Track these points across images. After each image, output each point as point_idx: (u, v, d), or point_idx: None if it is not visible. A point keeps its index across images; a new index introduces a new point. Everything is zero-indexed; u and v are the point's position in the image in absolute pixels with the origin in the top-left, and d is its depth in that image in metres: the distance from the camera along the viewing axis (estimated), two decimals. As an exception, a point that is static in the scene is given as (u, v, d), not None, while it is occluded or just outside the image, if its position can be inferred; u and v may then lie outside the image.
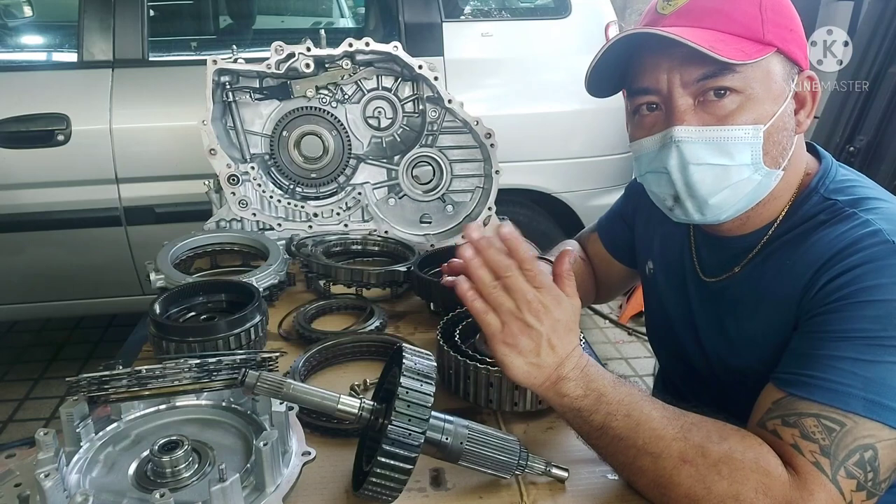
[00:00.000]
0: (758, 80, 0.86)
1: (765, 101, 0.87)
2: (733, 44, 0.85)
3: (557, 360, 0.81)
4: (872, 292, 0.79)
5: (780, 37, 0.87)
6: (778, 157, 0.90)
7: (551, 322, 0.80)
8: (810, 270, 0.85)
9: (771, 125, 0.87)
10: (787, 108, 0.89)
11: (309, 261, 1.44)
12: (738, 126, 0.87)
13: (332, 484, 0.86)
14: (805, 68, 0.91)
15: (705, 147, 0.88)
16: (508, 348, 0.80)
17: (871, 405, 0.75)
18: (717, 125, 0.87)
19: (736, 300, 0.99)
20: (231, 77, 1.60)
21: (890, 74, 2.92)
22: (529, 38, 2.81)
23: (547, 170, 2.84)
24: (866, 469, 0.74)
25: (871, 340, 0.77)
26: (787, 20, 0.89)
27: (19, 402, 2.88)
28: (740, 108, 0.87)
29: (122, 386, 0.83)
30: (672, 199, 0.95)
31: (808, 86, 0.90)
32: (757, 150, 0.88)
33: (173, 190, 2.53)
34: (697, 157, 0.89)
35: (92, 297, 2.75)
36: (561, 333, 0.81)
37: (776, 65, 0.88)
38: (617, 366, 3.11)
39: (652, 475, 0.79)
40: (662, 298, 1.18)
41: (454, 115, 1.63)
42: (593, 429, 0.82)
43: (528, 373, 0.81)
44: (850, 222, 0.86)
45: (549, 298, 0.81)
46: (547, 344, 0.80)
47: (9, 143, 2.41)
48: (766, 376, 0.86)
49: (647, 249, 1.23)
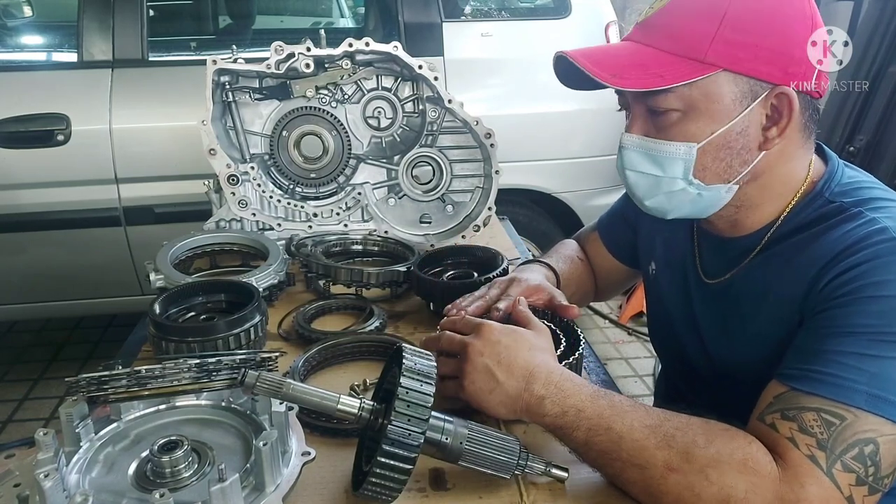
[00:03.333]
0: (698, 98, 0.88)
1: (703, 120, 0.88)
2: (664, 66, 0.87)
3: (521, 380, 0.86)
4: (878, 288, 0.79)
5: (732, 55, 0.85)
6: (722, 174, 0.91)
7: (493, 350, 0.88)
8: (815, 268, 0.85)
9: (708, 143, 0.89)
10: (737, 127, 0.88)
11: (309, 261, 1.43)
12: (671, 142, 0.91)
13: (331, 484, 0.86)
14: (781, 84, 0.87)
15: (641, 157, 0.95)
16: (474, 390, 0.88)
17: (875, 400, 0.74)
18: (655, 138, 0.92)
19: (738, 300, 0.99)
20: (231, 77, 1.60)
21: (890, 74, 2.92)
22: (529, 38, 2.81)
23: (547, 170, 2.84)
24: (867, 463, 0.74)
25: (876, 336, 0.77)
26: (754, 37, 0.86)
27: (19, 402, 2.88)
28: (678, 123, 0.90)
29: (122, 386, 0.83)
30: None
31: (784, 102, 0.87)
32: (689, 165, 0.91)
33: (173, 190, 2.53)
34: (633, 164, 0.96)
35: (92, 298, 2.75)
36: (512, 355, 0.87)
37: (724, 84, 0.87)
38: (617, 366, 3.11)
39: (641, 485, 0.79)
40: (664, 299, 1.18)
41: (454, 115, 1.63)
42: (578, 444, 0.83)
43: (501, 402, 0.87)
44: (855, 221, 0.86)
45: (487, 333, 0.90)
46: (498, 367, 0.87)
47: (9, 143, 2.41)
48: (767, 376, 0.85)
49: (650, 250, 1.24)
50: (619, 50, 0.94)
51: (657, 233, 1.21)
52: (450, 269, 1.44)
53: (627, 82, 0.88)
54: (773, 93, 0.88)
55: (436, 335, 0.97)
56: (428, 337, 0.99)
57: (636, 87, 0.88)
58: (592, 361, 1.17)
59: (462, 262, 1.46)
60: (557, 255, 1.36)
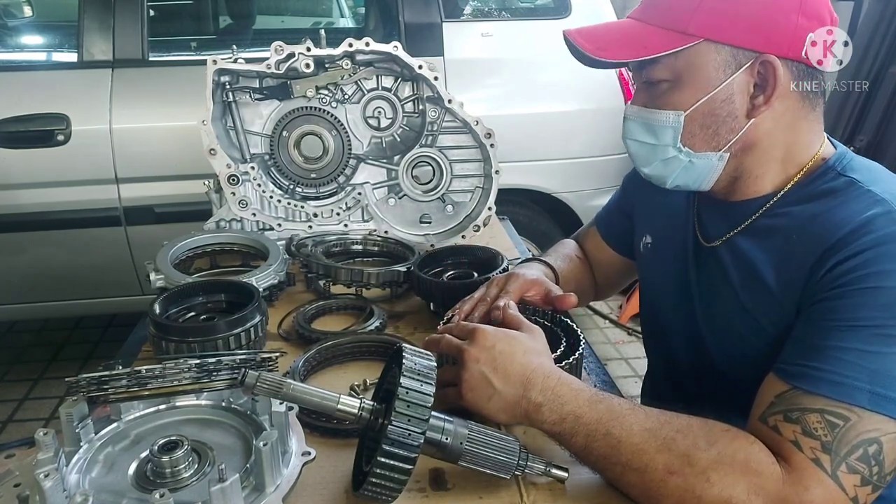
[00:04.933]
0: (683, 68, 0.92)
1: (688, 89, 0.93)
2: (648, 39, 0.92)
3: (518, 387, 0.86)
4: (881, 278, 0.78)
5: (713, 25, 0.89)
6: (710, 141, 0.94)
7: (488, 356, 0.87)
8: (819, 249, 0.84)
9: (694, 111, 0.93)
10: (721, 95, 0.91)
11: (309, 261, 1.43)
12: (661, 111, 0.96)
13: (331, 484, 0.86)
14: (766, 52, 0.89)
15: (639, 126, 1.00)
16: (472, 397, 0.87)
17: (877, 398, 0.74)
18: (650, 108, 0.97)
19: (734, 265, 0.98)
20: (231, 77, 1.60)
21: (890, 74, 2.92)
22: (529, 38, 2.81)
23: (547, 170, 2.84)
24: (871, 463, 0.73)
25: (878, 330, 0.76)
26: (735, 5, 0.89)
27: (19, 402, 2.88)
28: (667, 92, 0.95)
29: (122, 386, 0.83)
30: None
31: (769, 69, 0.89)
32: (678, 133, 0.95)
33: (173, 190, 2.52)
34: (632, 133, 1.02)
35: (92, 297, 2.75)
36: (507, 361, 0.87)
37: (707, 53, 0.90)
38: (617, 366, 3.11)
39: (641, 489, 0.79)
40: (659, 269, 1.17)
41: (454, 115, 1.63)
42: (578, 450, 0.83)
43: (500, 408, 0.87)
44: (864, 200, 0.85)
45: (482, 339, 0.89)
46: (494, 374, 0.87)
47: (9, 143, 2.41)
48: (764, 363, 0.85)
49: (647, 224, 1.24)
50: (614, 26, 1.02)
51: (658, 203, 1.19)
52: (450, 269, 1.44)
53: (609, 54, 0.95)
54: (758, 61, 0.90)
55: (437, 337, 0.97)
56: (429, 338, 0.99)
57: (616, 58, 0.95)
58: (592, 362, 1.17)
59: (462, 262, 1.46)
60: (556, 254, 1.37)
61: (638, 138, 1.00)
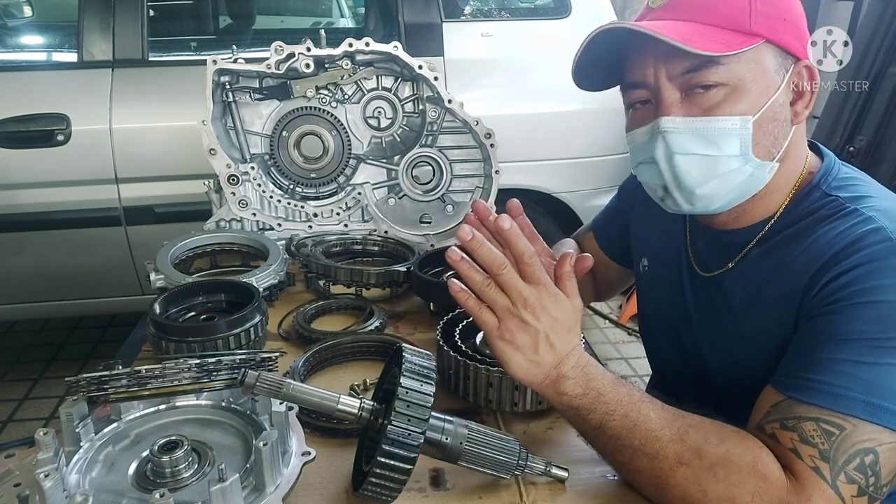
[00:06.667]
0: (746, 71, 0.86)
1: (753, 92, 0.86)
2: (715, 36, 0.85)
3: (556, 359, 0.81)
4: (873, 293, 0.78)
5: (770, 27, 0.86)
6: (770, 148, 0.89)
7: (549, 320, 0.80)
8: (811, 269, 0.85)
9: (761, 115, 0.87)
10: (780, 99, 0.88)
11: (309, 261, 1.43)
12: (725, 117, 0.87)
13: (331, 484, 0.86)
14: (803, 58, 0.89)
15: (692, 137, 0.89)
16: (506, 344, 0.80)
17: (872, 408, 0.74)
18: (703, 116, 0.88)
19: (732, 294, 0.98)
20: (231, 77, 1.60)
21: (890, 74, 2.92)
22: (529, 38, 2.81)
23: (547, 170, 2.84)
24: (867, 474, 0.74)
25: (872, 342, 0.77)
26: (781, 10, 0.87)
27: (19, 402, 2.88)
28: (727, 98, 0.87)
29: (122, 386, 0.83)
30: (662, 189, 0.95)
31: (805, 75, 0.89)
32: (746, 140, 0.87)
33: (173, 190, 2.52)
34: (683, 147, 0.89)
35: (92, 297, 2.75)
36: (560, 332, 0.80)
37: (766, 55, 0.87)
38: (617, 366, 3.11)
39: (649, 475, 0.79)
40: (658, 294, 1.17)
41: (454, 115, 1.63)
42: (591, 427, 0.82)
43: (527, 370, 0.81)
44: (851, 219, 0.85)
45: (547, 296, 0.80)
46: (545, 341, 0.80)
47: (9, 143, 2.41)
48: (763, 378, 0.85)
49: (643, 246, 1.23)
50: (660, 24, 0.88)
51: (650, 227, 1.19)
52: (450, 269, 1.43)
53: (699, 45, 0.82)
54: (798, 66, 0.89)
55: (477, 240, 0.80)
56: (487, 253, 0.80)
57: (709, 51, 0.83)
58: (592, 361, 1.17)
59: (462, 262, 1.45)
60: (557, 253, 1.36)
61: (693, 151, 0.89)
